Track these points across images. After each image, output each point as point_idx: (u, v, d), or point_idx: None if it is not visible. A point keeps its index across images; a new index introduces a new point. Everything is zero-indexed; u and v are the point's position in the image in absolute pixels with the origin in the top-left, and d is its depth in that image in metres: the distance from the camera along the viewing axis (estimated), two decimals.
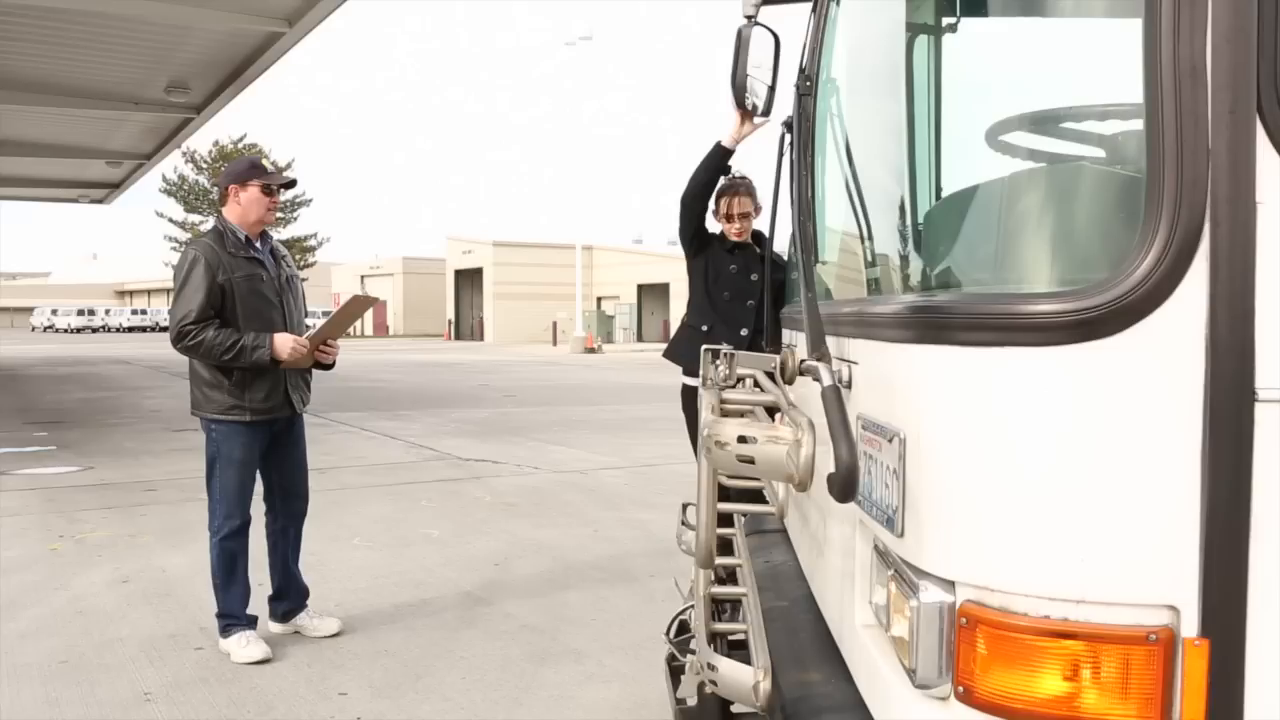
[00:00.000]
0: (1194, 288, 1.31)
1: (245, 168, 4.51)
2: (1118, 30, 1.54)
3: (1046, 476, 1.40)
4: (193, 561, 5.98)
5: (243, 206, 4.43)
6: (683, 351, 4.51)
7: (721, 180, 4.44)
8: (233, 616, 4.48)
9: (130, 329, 77.09)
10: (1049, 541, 1.40)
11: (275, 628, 4.69)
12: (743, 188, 4.57)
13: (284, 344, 4.30)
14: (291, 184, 4.71)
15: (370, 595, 5.40)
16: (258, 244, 4.48)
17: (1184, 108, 1.31)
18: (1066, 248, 1.59)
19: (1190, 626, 1.34)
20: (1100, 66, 1.70)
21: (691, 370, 4.23)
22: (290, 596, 4.72)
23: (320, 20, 12.35)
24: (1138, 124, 1.38)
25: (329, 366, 4.60)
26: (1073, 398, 1.39)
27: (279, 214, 4.64)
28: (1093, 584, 1.37)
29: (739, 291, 4.52)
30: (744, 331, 4.41)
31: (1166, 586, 1.34)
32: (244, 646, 4.40)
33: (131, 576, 5.79)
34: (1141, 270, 1.32)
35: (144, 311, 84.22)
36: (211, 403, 4.38)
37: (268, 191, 4.43)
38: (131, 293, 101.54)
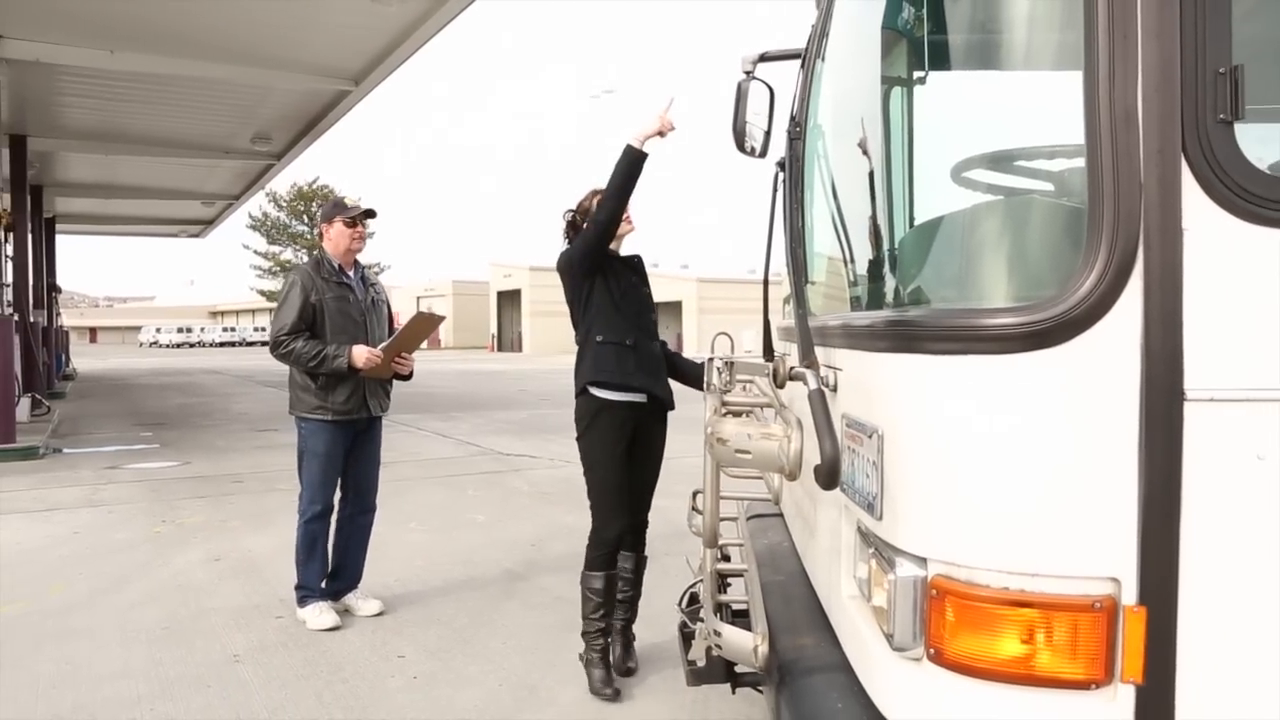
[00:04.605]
0: (1130, 303, 1.31)
1: (330, 207, 4.65)
2: (1063, 81, 1.54)
3: (1004, 467, 1.40)
4: (274, 543, 6.02)
5: (333, 240, 4.53)
6: (611, 367, 3.58)
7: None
8: (309, 589, 4.50)
9: (222, 344, 77.89)
10: (1007, 523, 1.39)
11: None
12: None
13: (360, 354, 4.36)
14: (371, 214, 4.66)
15: (425, 572, 5.41)
16: (350, 272, 4.57)
17: (1119, 148, 1.31)
18: (1020, 269, 1.58)
19: (1130, 595, 1.33)
20: (1048, 112, 1.69)
21: (625, 384, 3.57)
22: (342, 577, 4.67)
23: (382, 79, 12.47)
24: (1080, 162, 1.38)
25: (407, 377, 4.63)
26: (1026, 399, 1.38)
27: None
28: (1045, 559, 1.37)
29: (645, 306, 3.73)
30: (654, 346, 3.71)
31: (1109, 561, 1.34)
32: (318, 615, 4.42)
33: (222, 556, 5.82)
34: (1085, 288, 1.32)
35: (233, 329, 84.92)
36: (302, 403, 4.44)
37: (350, 224, 4.52)
38: (223, 313, 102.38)
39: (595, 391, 3.60)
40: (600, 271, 3.60)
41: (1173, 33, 1.30)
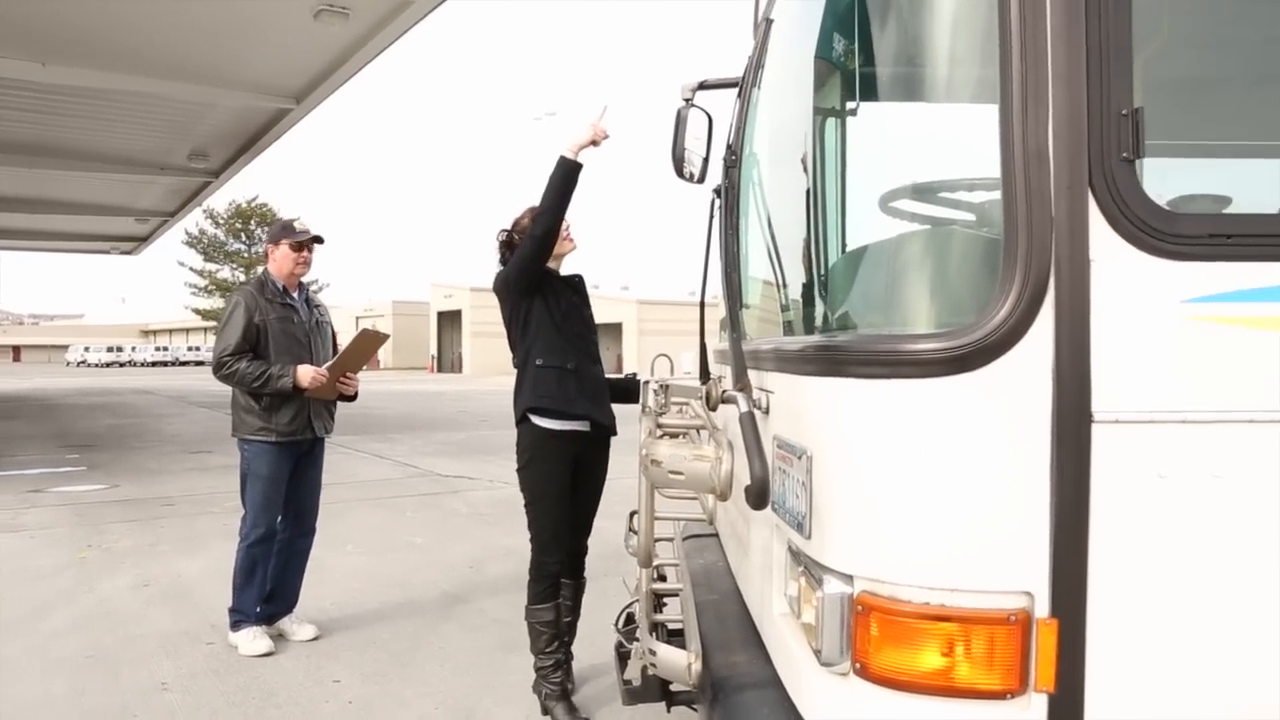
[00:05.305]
0: (1042, 329, 1.37)
1: (278, 230, 4.58)
2: (983, 116, 1.60)
3: (925, 486, 1.44)
4: (205, 567, 5.87)
5: (278, 262, 4.49)
6: (553, 393, 3.47)
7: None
8: (244, 613, 4.39)
9: (154, 364, 75.72)
10: (928, 541, 1.43)
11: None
12: None
13: (305, 373, 4.30)
14: (319, 240, 4.58)
15: (362, 595, 5.32)
16: (294, 293, 4.51)
17: (1032, 183, 1.38)
18: (941, 296, 1.63)
19: (1043, 608, 1.38)
20: (969, 147, 1.76)
21: (567, 411, 3.48)
22: (277, 601, 4.55)
23: (324, 98, 12.31)
24: (998, 195, 1.44)
25: (352, 398, 4.57)
26: (946, 421, 1.43)
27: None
28: (964, 575, 1.41)
29: (587, 327, 3.62)
30: (597, 370, 3.60)
31: (1023, 576, 1.39)
32: (251, 640, 4.32)
33: (151, 581, 5.65)
34: (1000, 315, 1.38)
35: (166, 348, 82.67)
36: (245, 425, 4.36)
37: (295, 248, 4.46)
38: (155, 331, 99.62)
39: (537, 421, 3.49)
40: (539, 291, 3.47)
41: (1079, 76, 1.37)
